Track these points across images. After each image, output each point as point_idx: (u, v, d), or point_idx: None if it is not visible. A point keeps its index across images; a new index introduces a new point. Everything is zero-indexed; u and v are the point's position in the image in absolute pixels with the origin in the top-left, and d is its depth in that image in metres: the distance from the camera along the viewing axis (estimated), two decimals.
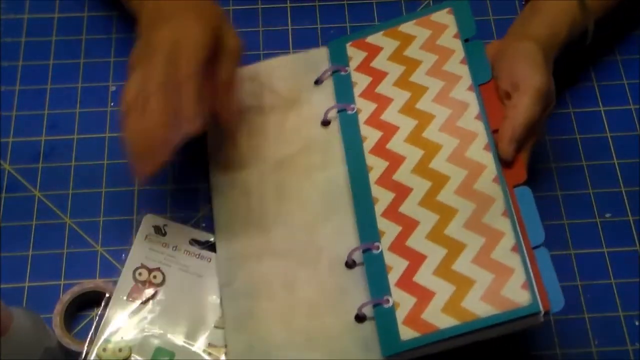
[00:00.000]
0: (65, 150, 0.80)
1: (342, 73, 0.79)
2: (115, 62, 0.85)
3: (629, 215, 0.78)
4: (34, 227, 0.77)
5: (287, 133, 0.77)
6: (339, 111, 0.77)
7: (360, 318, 0.68)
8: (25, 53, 0.85)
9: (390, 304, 0.67)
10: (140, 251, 0.74)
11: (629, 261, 0.76)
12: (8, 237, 0.76)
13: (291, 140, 0.77)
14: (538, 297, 0.64)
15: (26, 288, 0.74)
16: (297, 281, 0.71)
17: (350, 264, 0.70)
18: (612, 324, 0.73)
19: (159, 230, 0.75)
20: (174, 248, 0.74)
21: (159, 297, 0.72)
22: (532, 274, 0.65)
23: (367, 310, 0.68)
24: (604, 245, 0.77)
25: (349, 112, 0.76)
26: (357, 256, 0.70)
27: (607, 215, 0.78)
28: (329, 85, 0.79)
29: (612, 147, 0.81)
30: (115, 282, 0.73)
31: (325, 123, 0.77)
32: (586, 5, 0.77)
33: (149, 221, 0.75)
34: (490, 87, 0.74)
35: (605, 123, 0.83)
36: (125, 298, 0.72)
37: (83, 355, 0.69)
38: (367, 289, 0.68)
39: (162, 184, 0.78)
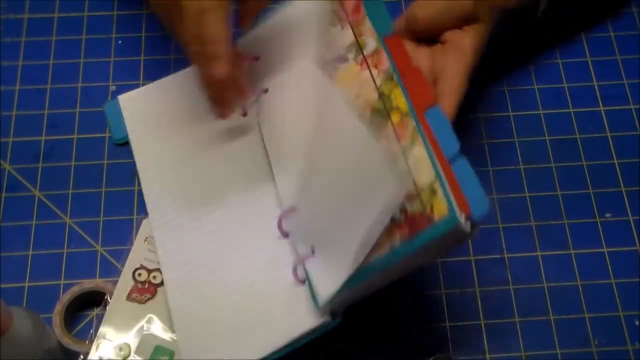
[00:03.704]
0: (65, 150, 0.80)
1: (255, 62, 0.79)
2: (115, 62, 0.85)
3: (629, 215, 0.78)
4: (34, 227, 0.77)
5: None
6: (256, 98, 0.78)
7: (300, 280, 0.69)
8: (25, 53, 0.85)
9: (315, 254, 0.68)
10: (140, 253, 0.74)
11: (629, 261, 0.76)
12: (8, 237, 0.76)
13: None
14: (455, 206, 0.60)
15: (26, 288, 0.74)
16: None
17: (284, 234, 0.72)
18: (612, 324, 0.73)
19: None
20: None
21: (158, 297, 0.72)
22: (447, 188, 0.62)
23: (301, 272, 0.69)
24: (604, 245, 0.77)
25: (263, 94, 0.77)
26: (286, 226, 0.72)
27: (607, 215, 0.78)
28: None
29: (612, 147, 0.81)
30: (115, 282, 0.73)
31: (245, 113, 0.78)
32: None
33: (148, 224, 0.75)
34: (394, 38, 0.72)
35: (605, 123, 0.83)
36: (125, 298, 0.72)
37: (83, 355, 0.69)
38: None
39: None
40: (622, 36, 0.87)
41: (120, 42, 0.86)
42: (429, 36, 0.74)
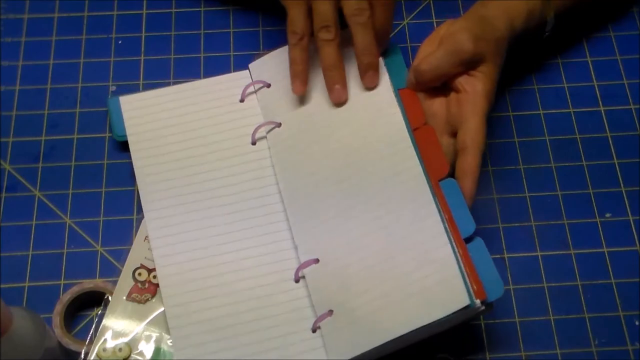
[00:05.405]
0: (65, 150, 0.80)
1: (266, 88, 0.79)
2: (115, 62, 0.85)
3: (629, 215, 0.78)
4: (34, 227, 0.77)
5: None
6: (267, 131, 0.77)
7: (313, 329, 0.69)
8: (25, 53, 0.85)
9: (333, 315, 0.68)
10: (140, 252, 0.74)
11: (629, 261, 0.76)
12: (8, 237, 0.76)
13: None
14: (472, 289, 0.65)
15: (26, 288, 0.74)
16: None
17: (297, 280, 0.71)
18: (612, 324, 0.73)
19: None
20: None
21: (158, 297, 0.72)
22: (463, 267, 0.65)
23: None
24: (604, 245, 0.77)
25: (277, 128, 0.77)
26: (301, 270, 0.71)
27: (607, 215, 0.78)
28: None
29: (612, 147, 0.81)
30: (115, 282, 0.73)
31: (254, 142, 0.77)
32: None
33: None
34: (408, 91, 0.75)
35: (605, 123, 0.83)
36: (125, 298, 0.72)
37: (83, 355, 0.69)
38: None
39: None
40: (622, 36, 0.87)
41: (120, 42, 0.86)
42: (439, 84, 0.75)
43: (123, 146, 0.79)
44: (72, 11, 0.88)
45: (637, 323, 0.73)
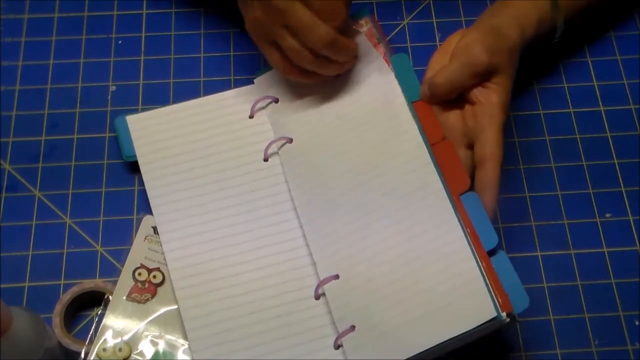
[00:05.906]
0: (65, 150, 0.80)
1: (275, 103, 0.79)
2: (115, 62, 0.85)
3: (629, 215, 0.78)
4: (34, 227, 0.77)
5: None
6: (279, 147, 0.77)
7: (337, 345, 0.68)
8: (25, 53, 0.85)
9: (355, 331, 0.67)
10: (140, 251, 0.74)
11: (629, 261, 0.76)
12: (8, 237, 0.76)
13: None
14: (497, 301, 0.65)
15: (26, 288, 0.74)
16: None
17: (317, 297, 0.70)
18: (612, 324, 0.73)
19: (158, 231, 0.75)
20: None
21: (158, 296, 0.72)
22: (488, 280, 0.66)
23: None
24: (604, 245, 0.77)
25: (288, 143, 0.77)
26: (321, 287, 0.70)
27: (607, 215, 0.78)
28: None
29: (612, 147, 0.81)
30: (115, 282, 0.73)
31: (266, 159, 0.77)
32: (558, 3, 0.77)
33: (148, 222, 0.75)
34: (422, 104, 0.75)
35: (605, 123, 0.83)
36: (125, 298, 0.72)
37: (83, 355, 0.69)
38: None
39: None
40: (622, 36, 0.87)
41: (120, 42, 0.86)
42: (454, 96, 0.75)
43: (132, 166, 0.79)
44: (72, 11, 0.88)
45: (637, 323, 0.73)
